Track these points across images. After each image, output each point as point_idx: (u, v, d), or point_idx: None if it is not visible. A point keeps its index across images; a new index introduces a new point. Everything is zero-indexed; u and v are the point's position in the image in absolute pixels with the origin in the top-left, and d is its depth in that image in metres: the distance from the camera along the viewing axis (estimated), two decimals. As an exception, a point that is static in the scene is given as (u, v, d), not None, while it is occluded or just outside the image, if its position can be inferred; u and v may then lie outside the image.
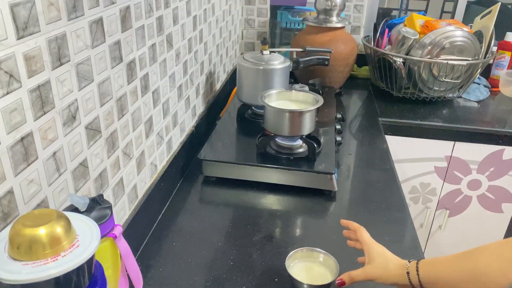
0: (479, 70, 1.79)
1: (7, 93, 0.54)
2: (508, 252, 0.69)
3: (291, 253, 0.90)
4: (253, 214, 1.11)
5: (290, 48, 1.74)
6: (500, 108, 1.87)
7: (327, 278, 0.86)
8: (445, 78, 1.73)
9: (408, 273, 0.76)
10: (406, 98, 1.85)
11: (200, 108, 1.46)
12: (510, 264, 0.68)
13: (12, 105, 0.55)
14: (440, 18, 1.79)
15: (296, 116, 1.23)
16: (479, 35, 1.79)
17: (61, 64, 0.65)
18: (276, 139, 1.29)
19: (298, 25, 2.02)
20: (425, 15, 1.88)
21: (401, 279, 0.77)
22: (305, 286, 0.84)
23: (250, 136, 1.35)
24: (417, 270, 0.76)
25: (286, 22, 2.03)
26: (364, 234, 0.85)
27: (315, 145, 1.23)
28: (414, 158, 1.73)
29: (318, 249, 0.91)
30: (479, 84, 2.00)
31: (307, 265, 0.90)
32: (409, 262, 0.78)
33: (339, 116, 1.50)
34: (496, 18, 1.76)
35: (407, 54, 1.76)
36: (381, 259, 0.81)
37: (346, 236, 0.92)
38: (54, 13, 0.62)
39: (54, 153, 0.66)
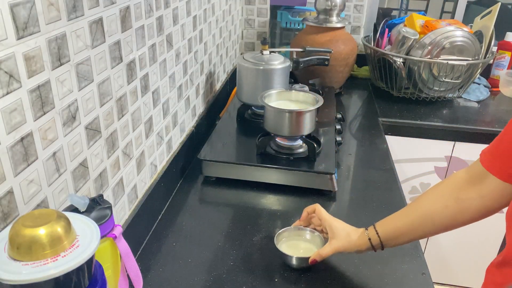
0: (479, 70, 1.79)
1: (7, 93, 0.54)
2: (444, 188, 0.81)
3: (279, 231, 0.97)
4: (253, 214, 1.11)
5: (290, 48, 1.74)
6: (500, 108, 1.87)
7: (313, 252, 0.92)
8: (445, 78, 1.73)
9: (369, 239, 0.85)
10: (406, 98, 1.85)
11: (200, 108, 1.46)
12: (448, 197, 0.79)
13: (12, 105, 0.55)
14: (440, 18, 1.79)
15: (296, 116, 1.23)
16: (479, 35, 1.79)
17: (61, 64, 0.65)
18: (276, 139, 1.29)
19: (298, 25, 2.02)
20: (425, 15, 1.88)
21: (364, 245, 0.86)
22: (294, 259, 0.92)
23: (250, 136, 1.35)
24: (377, 232, 0.85)
25: (286, 22, 2.03)
26: (322, 212, 0.93)
27: (315, 145, 1.23)
28: (414, 158, 1.73)
29: (304, 227, 0.98)
30: (479, 84, 2.01)
31: (294, 242, 0.98)
32: (367, 229, 0.87)
33: (339, 116, 1.50)
34: (496, 18, 1.76)
35: (407, 54, 1.76)
36: (343, 232, 0.89)
37: (306, 222, 0.98)
38: (54, 13, 0.62)
39: (54, 153, 0.66)
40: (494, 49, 1.94)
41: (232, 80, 1.82)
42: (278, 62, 1.46)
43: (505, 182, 0.73)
